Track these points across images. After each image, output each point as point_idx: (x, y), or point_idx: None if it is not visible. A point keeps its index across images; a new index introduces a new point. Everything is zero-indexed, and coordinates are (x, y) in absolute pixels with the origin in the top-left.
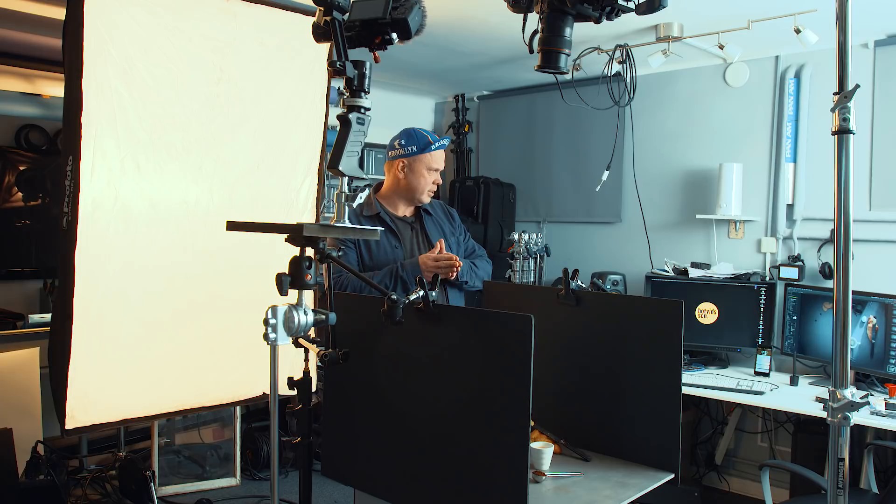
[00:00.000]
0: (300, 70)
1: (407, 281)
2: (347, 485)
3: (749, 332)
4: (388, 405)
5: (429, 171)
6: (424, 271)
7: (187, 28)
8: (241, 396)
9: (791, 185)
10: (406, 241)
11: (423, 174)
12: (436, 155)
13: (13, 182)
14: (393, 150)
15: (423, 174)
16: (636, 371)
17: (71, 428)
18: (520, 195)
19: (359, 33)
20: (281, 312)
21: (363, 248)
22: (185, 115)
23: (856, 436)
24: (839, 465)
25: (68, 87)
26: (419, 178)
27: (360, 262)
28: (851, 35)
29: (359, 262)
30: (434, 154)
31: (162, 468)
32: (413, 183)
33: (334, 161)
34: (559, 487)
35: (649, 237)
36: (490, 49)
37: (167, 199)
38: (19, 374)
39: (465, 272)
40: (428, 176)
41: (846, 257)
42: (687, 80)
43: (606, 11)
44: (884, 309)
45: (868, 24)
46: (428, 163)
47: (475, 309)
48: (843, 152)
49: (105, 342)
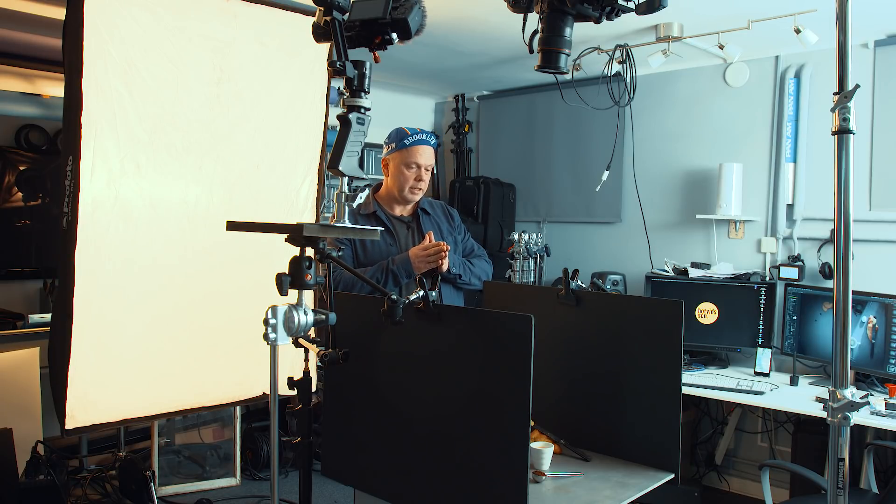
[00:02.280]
0: (300, 70)
1: (398, 274)
2: (347, 485)
3: (749, 332)
4: (388, 405)
5: (407, 167)
6: (415, 263)
7: (187, 28)
8: (241, 396)
9: (791, 185)
10: (401, 239)
11: (402, 170)
12: (413, 150)
13: (13, 182)
14: (383, 150)
15: (402, 170)
16: (636, 371)
17: (71, 428)
18: (520, 195)
19: (359, 33)
20: (281, 312)
21: (358, 246)
22: (185, 115)
23: (856, 436)
24: (839, 465)
25: (68, 87)
26: (399, 175)
27: (354, 260)
28: (851, 35)
29: (354, 260)
30: (411, 149)
31: (162, 468)
32: (394, 180)
33: (334, 161)
34: (559, 487)
35: (649, 237)
36: (490, 49)
37: (167, 199)
38: (19, 374)
39: (458, 265)
40: (407, 172)
41: (846, 257)
42: (687, 80)
43: (606, 11)
44: (884, 309)
45: (868, 24)
46: (405, 158)
47: (475, 309)
48: (843, 152)
49: (105, 342)
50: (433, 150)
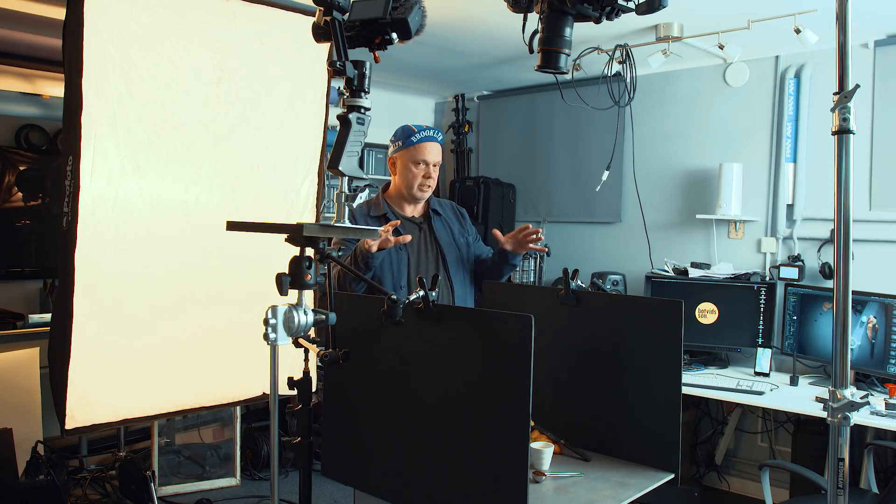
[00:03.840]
0: (300, 70)
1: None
2: (347, 485)
3: (749, 332)
4: (388, 405)
5: (415, 165)
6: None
7: (187, 28)
8: (241, 396)
9: (791, 185)
10: (413, 241)
11: (410, 168)
12: (421, 147)
13: (13, 182)
14: (389, 148)
15: (410, 168)
16: (636, 371)
17: (71, 428)
18: (520, 195)
19: (359, 33)
20: (281, 312)
21: None
22: (185, 115)
23: (856, 436)
24: (839, 465)
25: (68, 87)
26: (406, 173)
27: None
28: (851, 35)
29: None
30: (419, 146)
31: (162, 468)
32: (402, 178)
33: (334, 161)
34: (559, 487)
35: (649, 237)
36: (490, 49)
37: (167, 199)
38: (19, 374)
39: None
40: (415, 169)
41: (846, 257)
42: (687, 80)
43: (606, 11)
44: (884, 309)
45: (868, 24)
46: (412, 155)
47: (475, 309)
48: (843, 152)
49: (105, 342)
50: (441, 147)
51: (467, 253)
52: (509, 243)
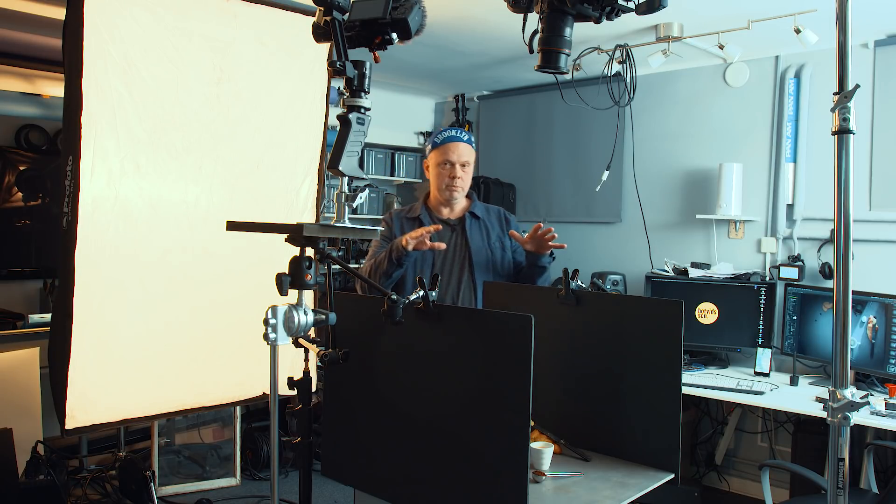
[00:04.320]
0: (300, 70)
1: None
2: (347, 485)
3: (749, 332)
4: (388, 405)
5: (440, 166)
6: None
7: (187, 28)
8: (241, 396)
9: (791, 185)
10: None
11: (437, 170)
12: (445, 148)
13: (13, 182)
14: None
15: (437, 170)
16: (636, 371)
17: (71, 428)
18: (520, 195)
19: (359, 33)
20: (281, 312)
21: None
22: (185, 115)
23: (856, 436)
24: (839, 465)
25: (68, 87)
26: (435, 175)
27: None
28: (851, 35)
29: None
30: (443, 147)
31: (162, 468)
32: (433, 180)
33: (334, 161)
34: (559, 487)
35: (649, 237)
36: (490, 49)
37: (167, 199)
38: (19, 374)
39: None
40: (441, 171)
41: (846, 257)
42: (687, 80)
43: (606, 11)
44: (884, 309)
45: (868, 24)
46: (438, 157)
47: (475, 309)
48: (843, 152)
49: (105, 342)
50: (469, 147)
51: (502, 258)
52: (529, 244)
